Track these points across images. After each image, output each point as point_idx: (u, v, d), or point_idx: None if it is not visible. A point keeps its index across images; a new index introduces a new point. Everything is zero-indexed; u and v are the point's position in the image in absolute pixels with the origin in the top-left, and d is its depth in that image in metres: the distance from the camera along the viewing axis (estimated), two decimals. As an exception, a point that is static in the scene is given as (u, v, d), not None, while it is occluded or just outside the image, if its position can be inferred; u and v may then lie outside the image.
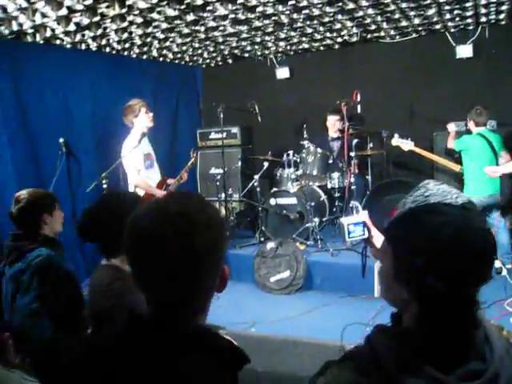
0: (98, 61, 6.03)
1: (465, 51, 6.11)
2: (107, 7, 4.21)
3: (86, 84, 5.85)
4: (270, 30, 5.60)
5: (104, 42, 5.58)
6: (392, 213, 1.03)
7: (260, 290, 5.15)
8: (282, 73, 7.28)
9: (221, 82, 7.76)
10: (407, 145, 5.28)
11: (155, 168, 4.96)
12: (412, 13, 5.28)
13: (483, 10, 5.38)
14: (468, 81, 6.08)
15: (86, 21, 4.58)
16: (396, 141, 5.33)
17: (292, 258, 5.00)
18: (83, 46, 5.72)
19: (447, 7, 5.11)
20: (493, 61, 5.98)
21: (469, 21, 5.79)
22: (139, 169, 4.66)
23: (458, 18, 5.64)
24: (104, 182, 4.35)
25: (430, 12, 5.25)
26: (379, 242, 1.60)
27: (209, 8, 4.49)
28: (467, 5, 5.06)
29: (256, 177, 6.07)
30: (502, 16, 5.68)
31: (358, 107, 5.50)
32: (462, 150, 4.98)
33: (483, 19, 5.78)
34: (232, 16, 4.85)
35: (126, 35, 5.31)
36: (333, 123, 6.26)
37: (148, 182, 4.75)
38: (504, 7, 5.28)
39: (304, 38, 6.28)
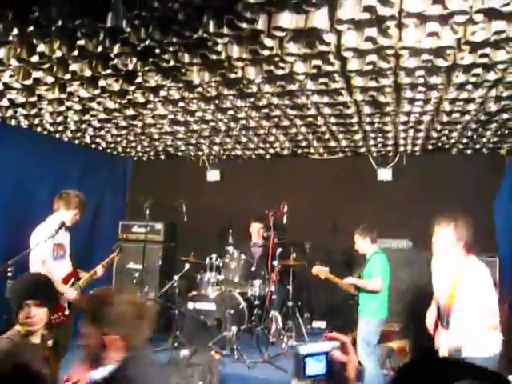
0: (26, 139, 5.82)
1: (385, 174, 6.61)
2: (46, 90, 4.13)
3: (8, 161, 5.55)
4: (206, 134, 5.75)
5: (37, 121, 5.43)
6: None
7: (167, 403, 4.72)
8: (213, 175, 7.39)
9: (150, 177, 7.72)
10: (324, 272, 5.19)
11: (66, 259, 4.61)
12: (340, 135, 5.67)
13: (402, 141, 5.92)
14: (387, 201, 6.48)
15: (21, 99, 4.46)
16: (317, 269, 5.22)
17: (206, 369, 4.68)
18: (13, 122, 5.52)
19: (372, 134, 5.56)
20: (409, 185, 6.48)
21: (389, 148, 6.32)
22: (44, 259, 4.28)
23: (380, 145, 6.15)
24: (9, 269, 3.96)
25: (357, 137, 5.68)
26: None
27: (149, 106, 4.56)
28: (389, 135, 5.54)
29: (176, 277, 5.85)
30: (416, 148, 6.28)
31: (284, 218, 5.62)
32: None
33: (401, 149, 6.35)
34: (171, 116, 4.94)
35: (60, 118, 5.21)
36: (257, 230, 6.32)
37: (54, 274, 4.36)
38: (419, 141, 5.85)
39: (238, 146, 6.50)
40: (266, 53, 3.08)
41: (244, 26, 2.67)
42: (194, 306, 5.48)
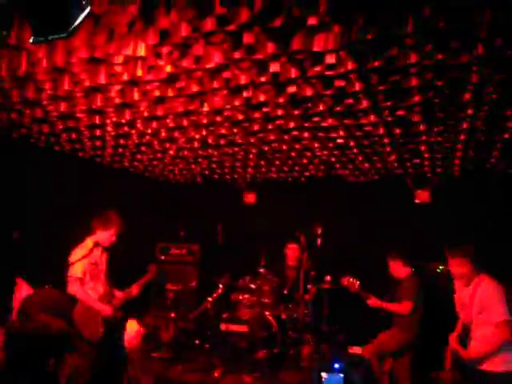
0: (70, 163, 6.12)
1: (423, 196, 6.44)
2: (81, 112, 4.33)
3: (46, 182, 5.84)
4: (239, 157, 5.82)
5: (78, 146, 5.69)
6: None
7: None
8: (249, 198, 7.46)
9: (188, 199, 7.86)
10: (354, 285, 5.17)
11: (102, 278, 4.75)
12: (375, 157, 5.60)
13: (439, 162, 5.76)
14: (425, 224, 6.30)
15: (61, 126, 4.72)
16: (347, 281, 5.19)
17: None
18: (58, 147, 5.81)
19: (406, 156, 5.45)
20: (449, 207, 6.28)
21: (426, 169, 6.17)
22: (80, 277, 4.42)
23: (416, 166, 6.01)
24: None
25: (391, 158, 5.58)
26: None
27: (181, 130, 4.68)
28: (425, 156, 5.41)
29: (209, 298, 5.88)
30: (455, 168, 6.08)
31: (319, 240, 5.57)
32: None
33: (439, 170, 6.18)
34: (202, 140, 5.04)
35: (99, 143, 5.43)
36: (292, 252, 6.26)
37: (91, 292, 4.50)
38: (457, 161, 5.67)
39: (273, 168, 6.53)
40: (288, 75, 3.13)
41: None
42: (226, 327, 5.48)
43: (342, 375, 1.15)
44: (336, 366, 1.15)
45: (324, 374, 1.16)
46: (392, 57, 2.75)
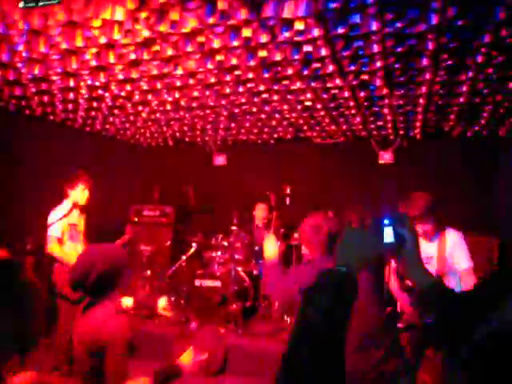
0: (39, 128, 6.12)
1: (386, 157, 6.78)
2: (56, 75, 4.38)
3: (22, 148, 5.87)
4: (210, 119, 5.97)
5: (49, 110, 5.71)
6: None
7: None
8: (219, 160, 7.64)
9: (160, 162, 7.99)
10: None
11: (80, 240, 4.93)
12: (341, 119, 5.85)
13: (401, 125, 6.06)
14: (389, 184, 6.65)
15: (33, 89, 4.75)
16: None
17: (212, 341, 4.98)
18: (27, 111, 5.81)
19: (371, 118, 5.72)
20: (411, 168, 6.64)
21: (390, 131, 6.47)
22: (59, 237, 4.62)
23: (380, 128, 6.30)
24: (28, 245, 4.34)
25: (356, 121, 5.85)
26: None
27: (154, 93, 4.79)
28: (387, 118, 5.70)
29: (183, 257, 6.13)
30: (416, 131, 6.41)
31: (287, 199, 5.86)
32: None
33: (402, 132, 6.49)
34: (175, 103, 5.17)
35: (71, 106, 5.48)
36: (261, 211, 6.54)
37: (68, 252, 4.70)
38: (417, 124, 5.98)
39: (243, 130, 6.72)
40: (259, 40, 3.29)
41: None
42: (200, 283, 5.75)
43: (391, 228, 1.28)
44: (386, 221, 1.34)
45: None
46: (355, 24, 2.96)
